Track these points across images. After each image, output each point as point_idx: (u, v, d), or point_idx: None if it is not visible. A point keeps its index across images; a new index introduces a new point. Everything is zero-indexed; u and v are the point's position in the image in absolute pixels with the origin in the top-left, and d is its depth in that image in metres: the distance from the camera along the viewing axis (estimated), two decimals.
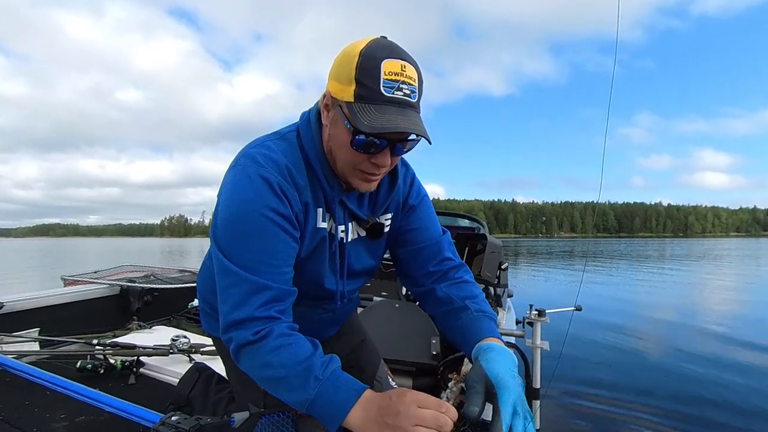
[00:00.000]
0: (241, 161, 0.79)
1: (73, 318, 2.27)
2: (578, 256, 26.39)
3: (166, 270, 3.22)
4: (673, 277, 13.67)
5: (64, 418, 1.38)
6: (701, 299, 9.42)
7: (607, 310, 7.51)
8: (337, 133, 0.78)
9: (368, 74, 0.70)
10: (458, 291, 0.92)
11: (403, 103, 0.72)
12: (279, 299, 0.76)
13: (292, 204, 0.79)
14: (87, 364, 1.76)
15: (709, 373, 4.15)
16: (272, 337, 0.72)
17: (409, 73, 0.72)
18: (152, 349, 1.88)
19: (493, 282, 1.94)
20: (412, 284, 1.01)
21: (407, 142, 0.77)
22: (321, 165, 0.83)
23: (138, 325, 2.41)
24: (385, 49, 0.72)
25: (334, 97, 0.76)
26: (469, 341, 0.82)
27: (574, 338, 5.32)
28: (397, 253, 1.00)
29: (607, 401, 3.44)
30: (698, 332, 6.00)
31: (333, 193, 0.85)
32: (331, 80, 0.76)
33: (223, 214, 0.77)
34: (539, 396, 1.86)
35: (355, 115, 0.71)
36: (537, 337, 1.84)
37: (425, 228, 0.98)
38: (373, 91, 0.71)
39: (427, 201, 1.02)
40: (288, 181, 0.79)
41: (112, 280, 2.63)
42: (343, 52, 0.75)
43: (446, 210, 3.90)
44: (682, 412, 3.25)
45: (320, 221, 0.86)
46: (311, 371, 0.69)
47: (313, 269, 0.88)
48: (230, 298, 0.74)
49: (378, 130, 0.70)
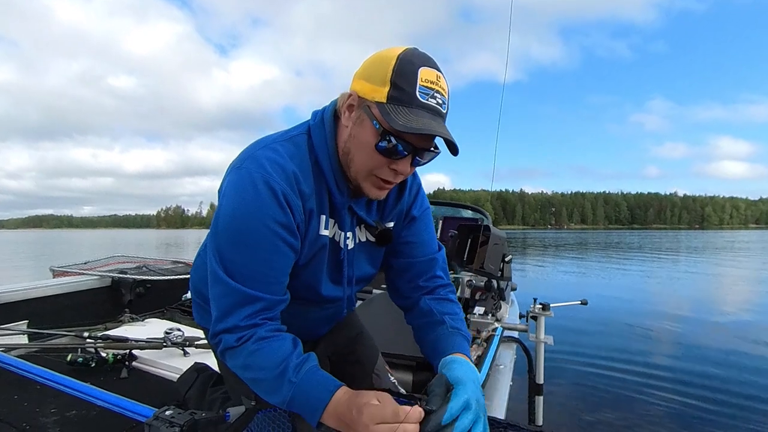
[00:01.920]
0: (246, 164, 0.79)
1: (63, 310, 2.29)
2: (588, 249, 26.38)
3: (158, 261, 3.24)
4: (691, 270, 13.68)
5: (55, 412, 1.40)
6: (720, 293, 9.39)
7: (616, 304, 7.54)
8: (361, 133, 0.79)
9: (405, 78, 0.74)
10: (440, 306, 0.96)
11: (435, 111, 0.76)
12: (268, 308, 0.79)
13: (295, 214, 0.80)
14: (78, 358, 1.79)
15: (725, 371, 4.15)
16: (252, 341, 0.76)
17: (442, 85, 0.77)
18: (145, 342, 1.91)
19: (497, 275, 1.95)
20: (398, 295, 1.04)
21: (428, 152, 0.80)
22: (332, 167, 0.84)
23: (130, 317, 2.44)
24: (422, 57, 0.77)
25: (362, 97, 0.78)
26: (439, 354, 0.86)
27: (580, 333, 5.35)
28: (390, 262, 1.03)
29: (613, 398, 3.47)
30: (715, 327, 5.99)
31: (342, 199, 0.87)
32: (360, 80, 0.79)
33: (224, 221, 0.78)
34: (542, 392, 1.88)
35: (387, 114, 0.73)
36: (541, 331, 1.85)
37: (423, 243, 1.01)
38: (408, 94, 0.73)
39: (428, 214, 1.04)
40: (293, 190, 0.80)
41: (102, 272, 2.65)
42: (378, 55, 0.79)
43: (451, 200, 3.89)
44: (692, 407, 3.27)
45: (322, 228, 0.87)
46: (285, 374, 0.73)
47: (311, 275, 0.90)
48: (220, 306, 0.78)
49: (413, 131, 0.72)
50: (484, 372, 1.29)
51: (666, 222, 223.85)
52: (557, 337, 1.86)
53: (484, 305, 1.99)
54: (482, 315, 1.91)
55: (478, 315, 1.92)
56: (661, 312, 7.18)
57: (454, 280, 2.58)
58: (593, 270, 13.77)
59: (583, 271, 13.65)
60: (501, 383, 1.37)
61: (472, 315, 1.93)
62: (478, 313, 1.93)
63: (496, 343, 1.54)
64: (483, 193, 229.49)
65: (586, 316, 6.03)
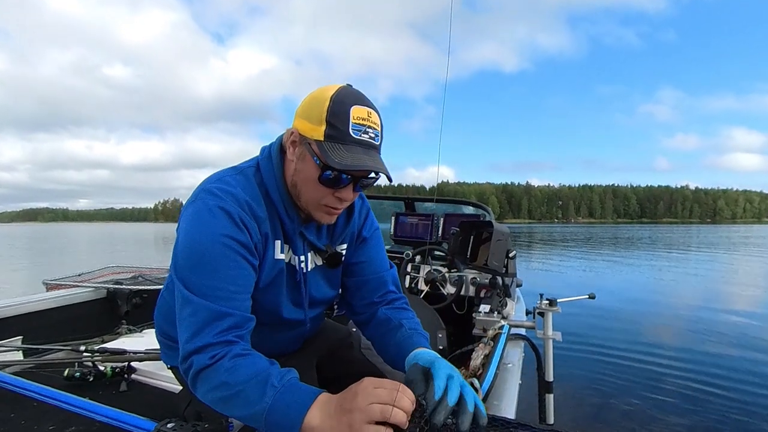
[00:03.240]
0: (200, 196, 0.87)
1: (57, 324, 2.30)
2: (596, 243, 26.33)
3: (154, 270, 3.25)
4: (704, 266, 13.63)
5: (54, 429, 1.41)
6: (738, 290, 9.34)
7: (626, 296, 7.54)
8: (304, 168, 0.89)
9: (338, 117, 0.83)
10: (396, 314, 1.06)
11: (368, 144, 0.86)
12: (238, 326, 0.82)
13: (252, 234, 0.88)
14: (75, 372, 1.78)
15: (741, 366, 4.16)
16: (227, 358, 0.77)
17: (374, 120, 0.87)
18: (144, 354, 1.91)
19: (501, 271, 1.96)
20: (353, 312, 1.14)
21: (368, 179, 0.90)
22: (281, 197, 0.94)
23: (127, 329, 2.44)
24: (353, 96, 0.86)
25: (303, 134, 0.87)
26: (403, 355, 0.93)
27: (589, 328, 5.35)
28: (345, 282, 1.14)
29: (626, 393, 3.47)
30: (732, 324, 5.97)
31: (293, 225, 0.97)
32: (300, 119, 0.88)
33: (182, 245, 0.84)
34: (552, 389, 1.88)
35: (325, 152, 0.83)
36: (548, 327, 1.85)
37: (373, 261, 1.12)
38: (342, 132, 0.83)
39: (378, 234, 1.16)
40: (248, 213, 0.88)
41: (97, 283, 2.66)
42: (313, 96, 0.88)
43: (454, 196, 3.90)
44: (709, 404, 3.27)
45: (278, 252, 0.96)
46: (268, 381, 0.74)
47: (271, 299, 0.97)
48: (190, 327, 0.80)
49: (348, 167, 0.82)
50: (492, 371, 1.29)
51: (677, 216, 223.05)
52: (566, 333, 1.87)
53: (490, 303, 2.00)
54: (488, 313, 1.92)
55: (483, 313, 1.92)
56: (674, 306, 7.18)
57: (458, 278, 2.59)
58: (601, 265, 13.75)
59: (590, 266, 13.63)
60: (510, 382, 1.36)
61: (478, 313, 1.93)
62: (484, 311, 1.93)
63: (503, 342, 1.54)
64: (488, 186, 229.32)
65: (594, 311, 6.04)
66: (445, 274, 2.70)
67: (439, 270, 2.74)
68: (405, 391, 0.68)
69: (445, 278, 2.69)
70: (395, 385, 0.69)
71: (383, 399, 0.66)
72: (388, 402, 0.66)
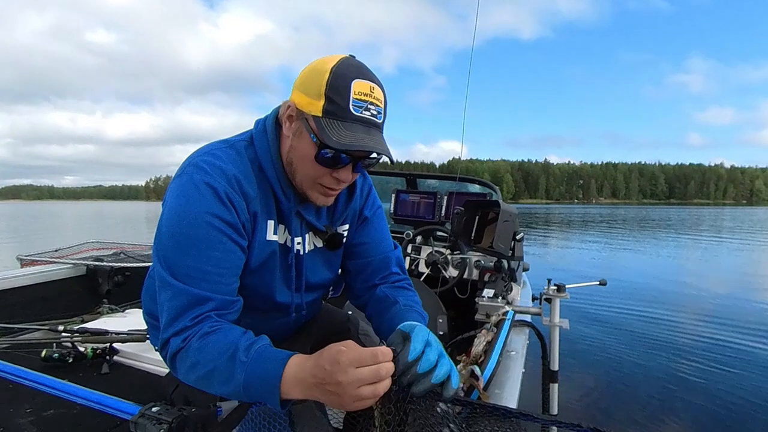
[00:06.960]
0: (187, 170, 0.88)
1: (33, 303, 2.33)
2: (617, 226, 26.28)
3: (137, 247, 3.27)
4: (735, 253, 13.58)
5: (30, 412, 1.45)
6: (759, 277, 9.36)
7: (642, 285, 7.57)
8: (301, 145, 0.89)
9: (338, 92, 0.83)
10: (394, 291, 1.08)
11: (369, 122, 0.85)
12: (219, 309, 0.84)
13: (239, 212, 0.88)
14: (53, 353, 1.83)
15: (756, 359, 4.19)
16: (196, 338, 0.80)
17: (377, 95, 0.86)
18: (126, 335, 1.97)
19: (507, 254, 1.98)
20: (355, 297, 1.15)
21: (368, 160, 0.91)
22: (277, 175, 0.94)
23: (109, 308, 2.49)
24: (356, 69, 0.85)
25: (300, 109, 0.87)
26: None
27: (598, 315, 5.40)
28: (346, 265, 1.15)
29: (633, 385, 3.54)
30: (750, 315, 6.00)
31: (289, 204, 0.97)
32: (298, 92, 0.88)
33: (166, 224, 0.85)
34: (557, 379, 1.93)
35: (323, 130, 0.83)
36: (556, 314, 1.88)
37: (377, 242, 1.13)
38: (342, 108, 0.83)
39: (380, 213, 1.16)
40: (236, 190, 0.88)
41: (76, 259, 2.69)
42: (312, 67, 0.87)
43: (466, 172, 3.89)
44: (718, 398, 3.33)
45: (270, 233, 0.96)
46: (236, 357, 0.76)
47: (263, 282, 0.98)
48: (169, 311, 0.82)
49: (346, 147, 0.82)
50: (495, 358, 1.32)
51: (709, 197, 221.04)
52: (573, 321, 1.89)
53: (494, 287, 2.02)
54: (492, 298, 1.95)
55: (487, 298, 1.95)
56: (696, 297, 7.21)
57: (461, 260, 2.62)
58: (620, 252, 13.74)
59: (606, 252, 13.63)
60: (513, 370, 1.40)
61: (481, 298, 1.96)
62: (488, 296, 1.96)
63: (507, 328, 1.57)
64: (502, 163, 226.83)
65: (605, 299, 6.10)
66: (448, 256, 2.72)
67: (441, 252, 2.76)
68: (385, 355, 0.70)
69: (448, 260, 2.72)
70: (374, 357, 0.69)
71: (369, 379, 0.68)
72: (374, 381, 0.68)
